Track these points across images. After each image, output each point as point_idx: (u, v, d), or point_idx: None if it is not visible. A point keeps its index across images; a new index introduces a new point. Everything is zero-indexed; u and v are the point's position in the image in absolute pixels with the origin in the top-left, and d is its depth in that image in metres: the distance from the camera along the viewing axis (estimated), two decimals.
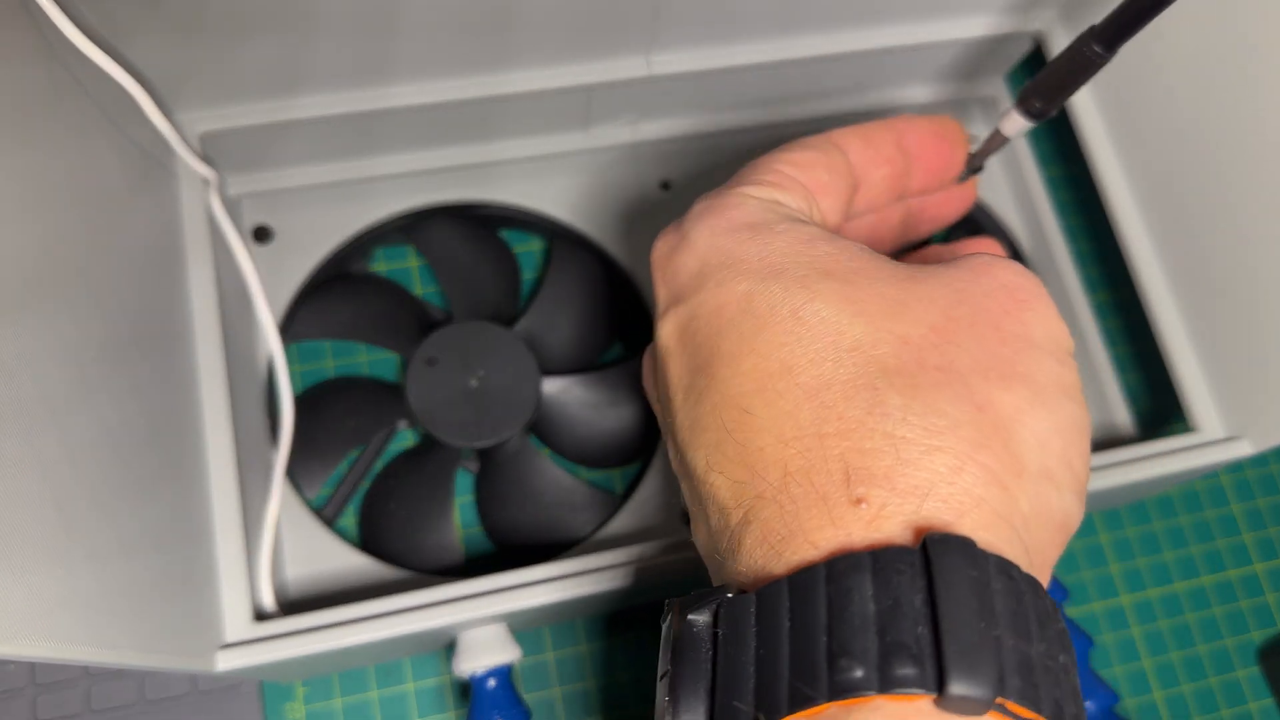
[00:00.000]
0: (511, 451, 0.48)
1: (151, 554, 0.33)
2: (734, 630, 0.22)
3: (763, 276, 0.26)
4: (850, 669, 0.20)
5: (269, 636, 0.36)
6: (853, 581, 0.21)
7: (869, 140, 0.33)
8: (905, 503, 0.22)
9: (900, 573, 0.21)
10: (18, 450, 0.25)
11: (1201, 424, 0.44)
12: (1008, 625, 0.20)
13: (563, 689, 0.48)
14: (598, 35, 0.43)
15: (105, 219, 0.35)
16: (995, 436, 0.23)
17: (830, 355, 0.24)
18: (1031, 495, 0.23)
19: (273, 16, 0.38)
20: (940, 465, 0.22)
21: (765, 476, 0.24)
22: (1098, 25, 0.31)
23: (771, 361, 0.25)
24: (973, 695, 0.19)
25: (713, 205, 0.29)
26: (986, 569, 0.21)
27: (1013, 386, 0.24)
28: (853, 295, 0.25)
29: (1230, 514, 0.55)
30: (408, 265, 0.53)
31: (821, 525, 0.22)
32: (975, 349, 0.24)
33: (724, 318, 0.26)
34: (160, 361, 0.38)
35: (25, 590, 0.24)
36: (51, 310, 0.29)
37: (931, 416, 0.23)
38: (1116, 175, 0.47)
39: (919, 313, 0.25)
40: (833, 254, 0.26)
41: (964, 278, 0.26)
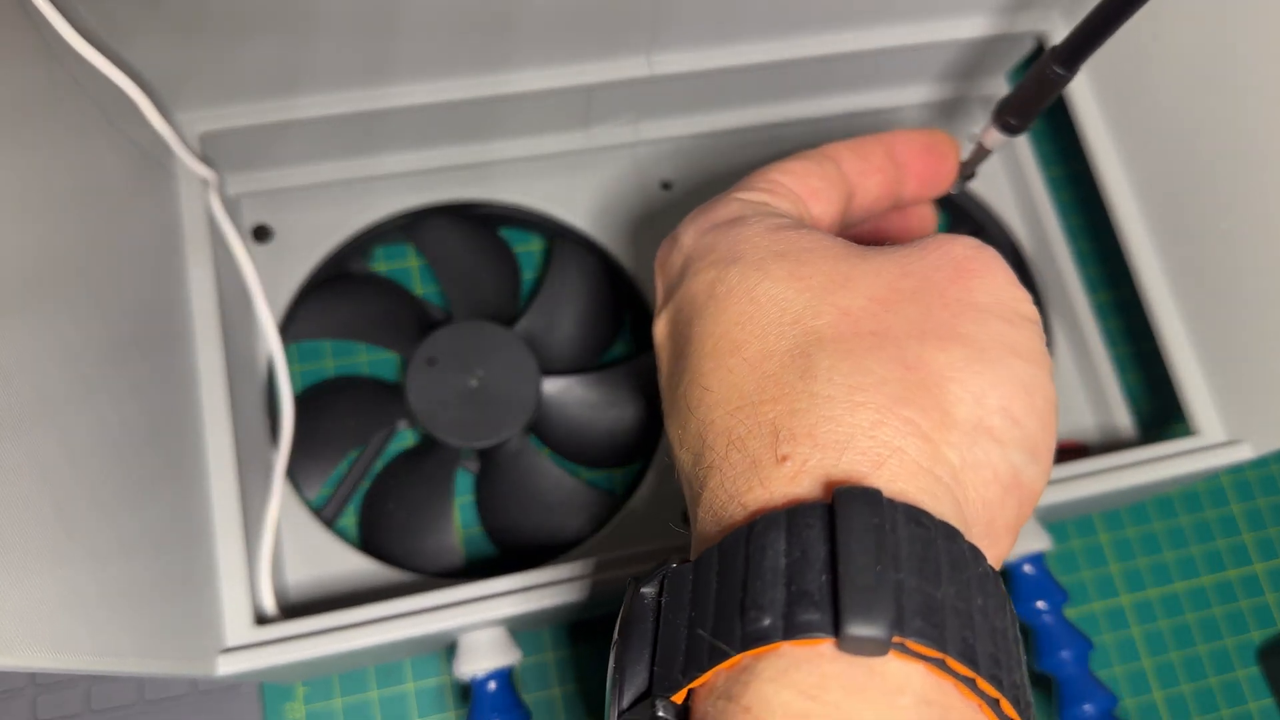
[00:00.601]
0: (511, 452, 0.48)
1: (151, 557, 0.33)
2: (674, 598, 0.23)
3: (725, 263, 0.28)
4: (759, 619, 0.21)
5: (270, 641, 0.36)
6: (768, 539, 0.22)
7: (860, 152, 0.34)
8: (825, 456, 0.23)
9: (810, 526, 0.21)
10: (16, 454, 0.25)
11: (1202, 427, 0.44)
12: (911, 569, 0.21)
13: (563, 689, 0.48)
14: (599, 35, 0.43)
15: (104, 219, 0.35)
16: (922, 392, 0.24)
17: (774, 330, 0.25)
18: (961, 447, 0.24)
19: (273, 17, 0.38)
20: (862, 419, 0.23)
21: (714, 448, 0.25)
22: (1058, 47, 0.33)
23: (726, 340, 0.26)
24: (869, 635, 0.20)
25: (702, 209, 0.31)
26: (891, 516, 0.21)
27: (948, 346, 0.25)
28: (800, 273, 0.26)
29: (1230, 514, 0.55)
30: (408, 265, 0.53)
31: (752, 487, 0.23)
32: (914, 315, 0.25)
33: (695, 305, 0.28)
34: (160, 362, 0.37)
35: (25, 597, 0.24)
36: (52, 310, 0.29)
37: (857, 375, 0.24)
38: (1118, 177, 0.47)
39: (863, 285, 0.26)
40: (791, 238, 0.28)
41: (914, 254, 0.27)
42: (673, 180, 0.52)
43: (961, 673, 0.20)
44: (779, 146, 0.53)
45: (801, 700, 0.20)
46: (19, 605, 0.24)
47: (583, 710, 0.48)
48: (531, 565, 0.46)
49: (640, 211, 0.51)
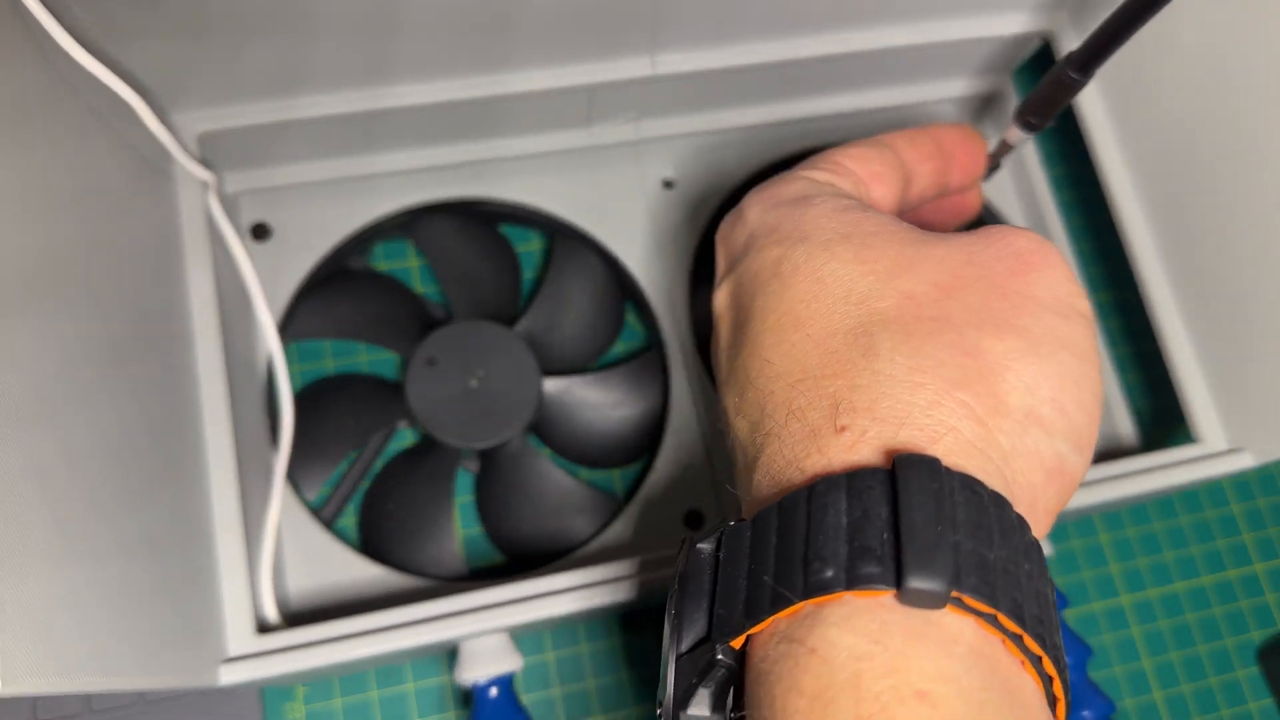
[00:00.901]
0: (512, 453, 0.48)
1: (152, 564, 0.32)
2: (732, 553, 0.25)
3: (792, 241, 0.29)
4: (822, 570, 0.22)
5: (272, 650, 0.36)
6: (829, 499, 0.23)
7: (914, 140, 0.36)
8: (884, 429, 0.24)
9: (871, 489, 0.23)
10: (13, 458, 0.25)
11: (1204, 435, 0.44)
12: (967, 531, 0.22)
13: (563, 689, 0.48)
14: (602, 35, 0.43)
15: (101, 221, 0.34)
16: (978, 378, 0.25)
17: (839, 309, 0.27)
18: (1013, 434, 0.25)
19: (273, 17, 0.37)
20: (920, 399, 0.24)
21: (774, 416, 0.26)
22: (1074, 54, 0.36)
23: (790, 316, 0.27)
24: (929, 588, 0.21)
25: (767, 185, 0.33)
26: (949, 483, 0.23)
27: (1004, 336, 0.26)
28: (866, 256, 0.28)
29: (1230, 514, 0.55)
30: (408, 265, 0.52)
31: (810, 454, 0.25)
32: (974, 303, 0.26)
33: (759, 280, 0.29)
34: (160, 363, 0.37)
35: (25, 617, 0.24)
36: (49, 312, 0.29)
37: (918, 358, 0.25)
38: (1123, 179, 0.47)
39: (926, 272, 0.27)
40: (857, 220, 0.29)
41: (978, 244, 0.28)
42: (675, 178, 0.52)
43: (1010, 629, 0.22)
44: (783, 145, 0.53)
45: (865, 643, 0.21)
46: (19, 627, 0.24)
47: (583, 710, 0.48)
48: (532, 567, 0.46)
49: (642, 210, 0.51)
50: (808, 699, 0.21)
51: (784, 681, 0.22)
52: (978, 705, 0.21)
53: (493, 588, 0.38)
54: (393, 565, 0.45)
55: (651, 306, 0.50)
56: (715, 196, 0.52)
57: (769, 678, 0.22)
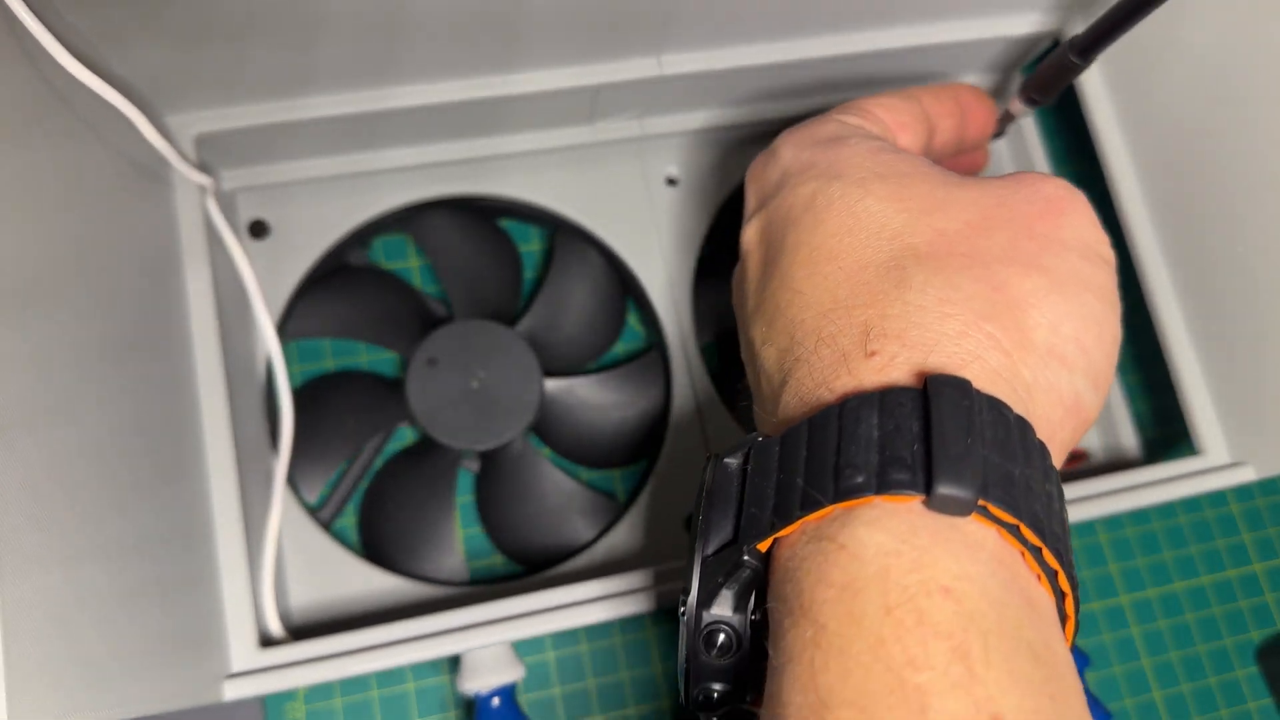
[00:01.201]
0: (514, 454, 0.48)
1: (151, 582, 0.32)
2: (760, 465, 0.26)
3: (826, 178, 0.30)
4: (853, 477, 0.23)
5: (275, 666, 0.36)
6: (861, 413, 0.24)
7: (937, 96, 0.38)
8: (913, 355, 0.25)
9: (902, 405, 0.24)
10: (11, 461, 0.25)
11: (1207, 447, 0.44)
12: (994, 448, 0.23)
13: (563, 689, 0.48)
14: (608, 36, 0.42)
15: (96, 227, 0.34)
16: (1006, 312, 0.26)
17: (872, 243, 0.28)
18: (1036, 367, 0.26)
19: (274, 20, 0.36)
20: (949, 328, 0.25)
21: (804, 343, 0.27)
22: (1076, 39, 0.38)
23: (823, 250, 0.28)
24: (957, 495, 0.22)
25: (800, 127, 0.34)
26: (979, 402, 0.24)
27: (1031, 275, 0.27)
28: (901, 194, 0.29)
29: (1229, 514, 0.55)
30: (409, 265, 0.52)
31: (839, 375, 0.26)
32: (1003, 242, 0.28)
33: (791, 216, 0.30)
34: (157, 367, 0.37)
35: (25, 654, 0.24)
36: (40, 320, 0.28)
37: (948, 290, 0.26)
38: (1131, 186, 0.47)
39: (958, 211, 0.28)
40: (891, 161, 0.30)
41: (1009, 186, 0.30)
42: (678, 176, 0.51)
43: (1031, 541, 0.23)
44: None
45: (893, 541, 0.22)
46: (21, 665, 0.23)
47: (583, 710, 0.48)
48: (534, 569, 0.46)
49: (645, 207, 0.50)
50: (836, 589, 0.22)
51: (812, 575, 0.23)
52: (999, 605, 0.22)
53: (498, 602, 0.38)
54: (394, 569, 0.45)
55: (654, 306, 0.49)
56: (719, 194, 0.51)
57: (797, 573, 0.23)
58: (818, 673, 0.21)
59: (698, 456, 0.47)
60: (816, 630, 0.22)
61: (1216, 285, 0.43)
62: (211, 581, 0.37)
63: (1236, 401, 0.43)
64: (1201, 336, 0.45)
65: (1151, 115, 0.45)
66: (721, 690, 0.26)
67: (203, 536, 0.38)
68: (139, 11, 0.35)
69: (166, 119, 0.42)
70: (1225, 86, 0.41)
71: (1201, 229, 0.43)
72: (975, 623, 0.21)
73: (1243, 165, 0.41)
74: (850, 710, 0.21)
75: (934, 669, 0.21)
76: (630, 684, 0.49)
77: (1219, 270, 0.43)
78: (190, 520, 0.37)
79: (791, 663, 0.22)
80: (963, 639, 0.21)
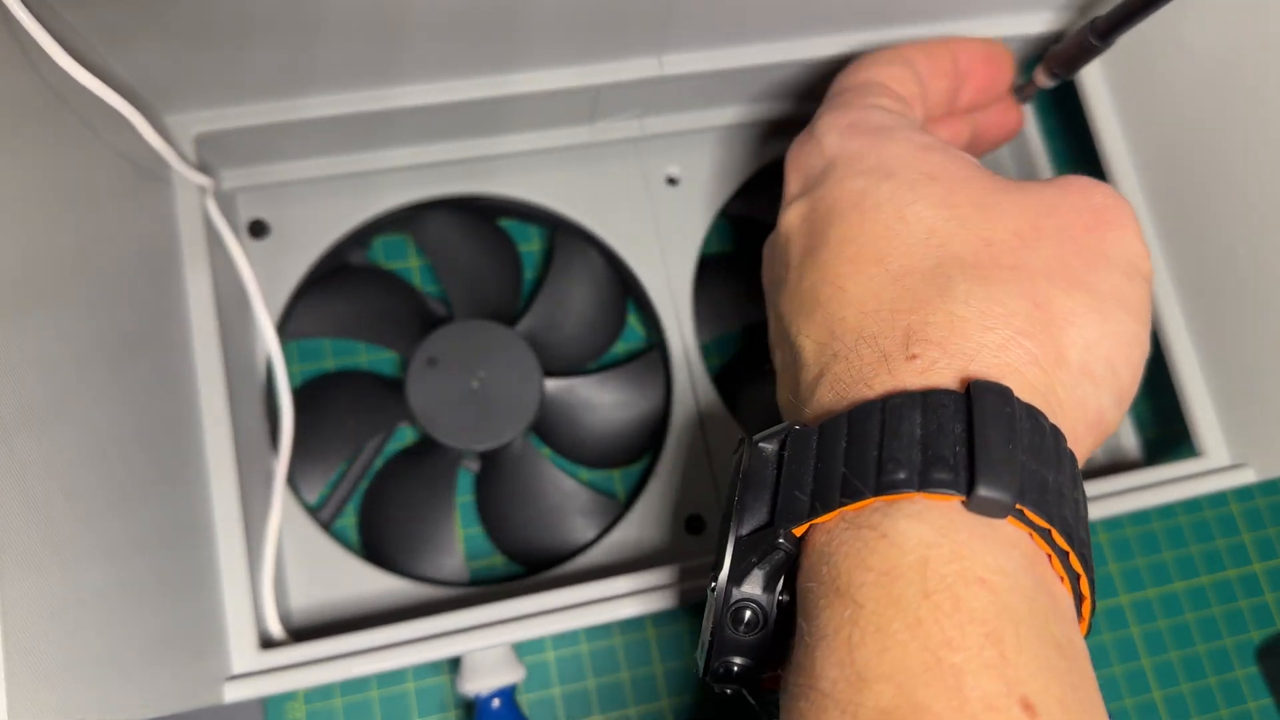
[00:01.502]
0: (514, 455, 0.48)
1: (151, 583, 0.32)
2: (797, 453, 0.26)
3: (877, 177, 0.30)
4: (896, 472, 0.24)
5: (276, 668, 0.36)
6: (904, 411, 0.25)
7: (931, 55, 0.38)
8: (954, 362, 0.26)
9: (945, 406, 0.25)
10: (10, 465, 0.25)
11: (1207, 449, 0.44)
12: (1031, 454, 0.24)
13: (563, 689, 0.48)
14: (609, 36, 0.42)
15: (94, 228, 0.34)
16: (1045, 330, 0.27)
17: (919, 249, 0.28)
18: (1068, 385, 0.27)
19: (275, 20, 0.36)
20: (990, 340, 0.26)
21: (843, 339, 0.28)
22: (1098, 21, 0.38)
23: (869, 250, 0.29)
24: (997, 498, 0.23)
25: (842, 109, 0.34)
26: (1019, 409, 0.25)
27: (1073, 292, 0.28)
28: (950, 200, 0.29)
29: (1229, 514, 0.55)
30: (409, 265, 0.52)
31: (879, 374, 0.27)
32: (1049, 256, 0.28)
33: (837, 210, 0.30)
34: (157, 368, 0.37)
35: (26, 660, 0.24)
36: (37, 321, 0.28)
37: (991, 303, 0.27)
38: (1132, 185, 0.47)
39: (1006, 220, 0.29)
40: (942, 163, 0.30)
41: (1056, 194, 0.30)
42: (679, 175, 0.51)
43: (1060, 545, 0.24)
44: (789, 141, 0.52)
45: (933, 534, 0.23)
46: (17, 670, 0.23)
47: (583, 709, 0.48)
48: (534, 569, 0.46)
49: (645, 207, 0.50)
50: (875, 573, 0.23)
51: (851, 559, 0.24)
52: (1029, 600, 0.23)
53: (499, 603, 0.38)
54: (394, 570, 0.45)
55: (654, 306, 0.49)
56: (720, 193, 0.51)
57: (834, 556, 0.24)
58: (855, 648, 0.22)
59: (698, 456, 0.47)
60: (855, 609, 0.23)
61: (1217, 286, 0.43)
62: (212, 582, 0.37)
63: (1237, 403, 0.43)
64: (1202, 337, 0.45)
65: (1152, 115, 0.45)
66: (742, 664, 0.27)
67: (203, 537, 0.38)
68: (138, 11, 0.35)
69: (166, 119, 0.42)
70: (1226, 86, 0.41)
71: (1202, 229, 0.43)
72: (1008, 612, 0.22)
73: (1244, 165, 0.41)
74: (888, 684, 0.22)
75: (969, 650, 0.22)
76: (630, 684, 0.49)
77: (1220, 271, 0.43)
78: (190, 521, 0.37)
79: (827, 638, 0.23)
80: (996, 625, 0.22)
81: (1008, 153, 0.54)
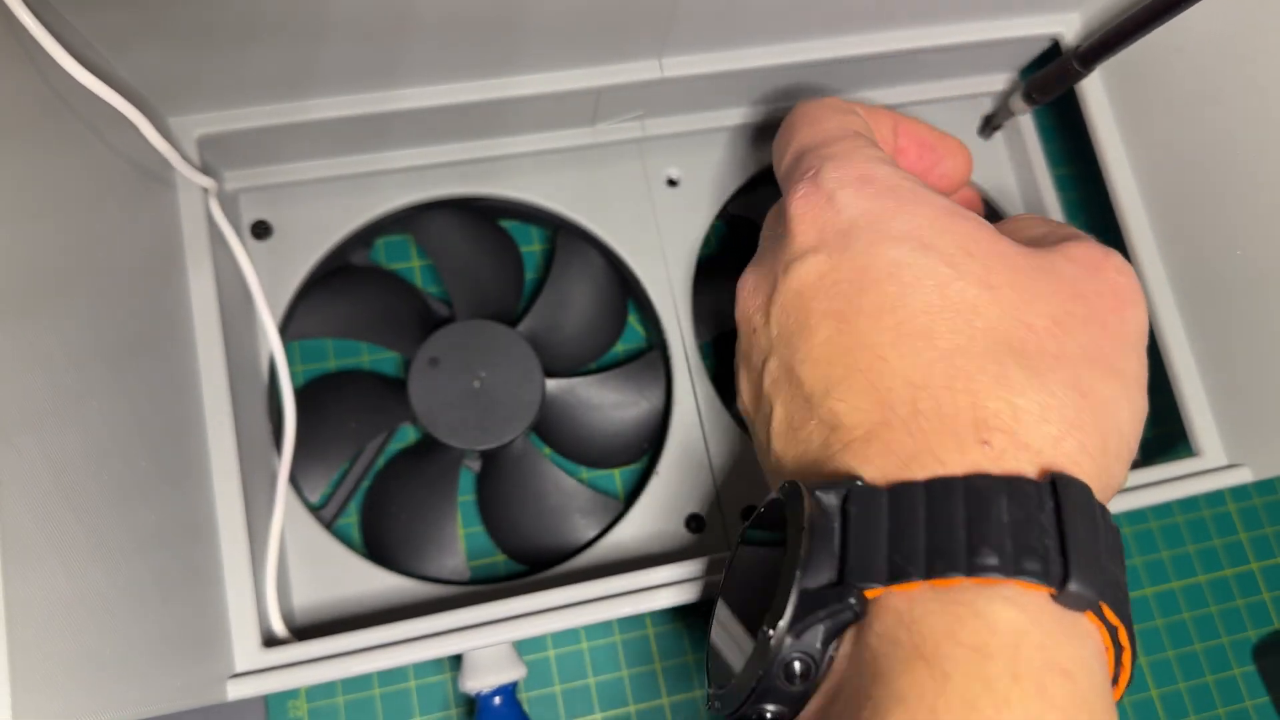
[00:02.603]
0: (515, 454, 0.48)
1: (153, 582, 0.32)
2: (865, 511, 0.27)
3: (912, 247, 0.30)
4: (988, 556, 0.25)
5: (280, 666, 0.36)
6: (991, 496, 0.26)
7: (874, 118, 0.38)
8: (1022, 452, 0.27)
9: (1029, 497, 0.26)
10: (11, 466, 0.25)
11: (1204, 448, 0.44)
12: (1109, 552, 0.26)
13: (563, 686, 0.49)
14: (610, 39, 0.42)
15: (96, 230, 0.34)
16: (1090, 419, 0.28)
17: (966, 329, 0.29)
18: (1111, 472, 0.28)
19: (277, 23, 0.37)
20: (1048, 431, 0.27)
21: (894, 409, 0.28)
22: (1081, 50, 0.41)
23: (913, 325, 0.29)
24: (1085, 594, 0.24)
25: (846, 165, 0.33)
26: (1099, 507, 0.26)
27: (1109, 380, 0.29)
28: (991, 280, 0.30)
29: (1227, 513, 0.56)
30: (410, 265, 0.52)
31: (949, 452, 0.27)
32: (1086, 342, 0.29)
33: (871, 278, 0.30)
34: (160, 369, 0.37)
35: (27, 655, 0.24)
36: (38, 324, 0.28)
37: (1044, 395, 0.28)
38: (1130, 187, 0.47)
39: (1042, 304, 0.30)
40: (973, 234, 0.31)
41: (1080, 276, 0.31)
42: (679, 177, 0.51)
43: (1123, 643, 0.26)
44: None
45: (1025, 621, 0.24)
46: (25, 670, 0.24)
47: (584, 707, 0.48)
48: (535, 569, 0.46)
49: (646, 208, 0.51)
50: (966, 649, 0.24)
51: (940, 631, 0.24)
52: (1101, 694, 0.24)
53: (500, 602, 0.38)
54: (396, 568, 0.45)
55: (654, 306, 0.49)
56: (720, 195, 0.51)
57: (919, 625, 0.25)
58: (939, 716, 0.23)
59: (698, 456, 0.48)
60: (942, 679, 0.24)
61: (1214, 287, 0.44)
62: (215, 581, 0.38)
63: (1234, 403, 0.44)
64: (1199, 338, 0.45)
65: (1150, 117, 0.45)
66: (775, 712, 0.27)
67: (206, 536, 0.38)
68: (141, 14, 0.35)
69: (169, 121, 0.42)
70: (1224, 89, 0.41)
71: (1199, 230, 0.44)
72: (1085, 705, 0.24)
73: (1241, 168, 0.41)
74: None
75: None
76: (631, 682, 0.49)
77: (1216, 272, 0.43)
78: (194, 520, 0.37)
79: (906, 703, 0.24)
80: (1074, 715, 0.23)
81: (1006, 153, 0.54)
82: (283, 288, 0.47)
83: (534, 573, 0.46)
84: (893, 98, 0.53)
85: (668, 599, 0.38)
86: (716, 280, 0.51)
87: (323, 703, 0.47)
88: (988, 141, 0.54)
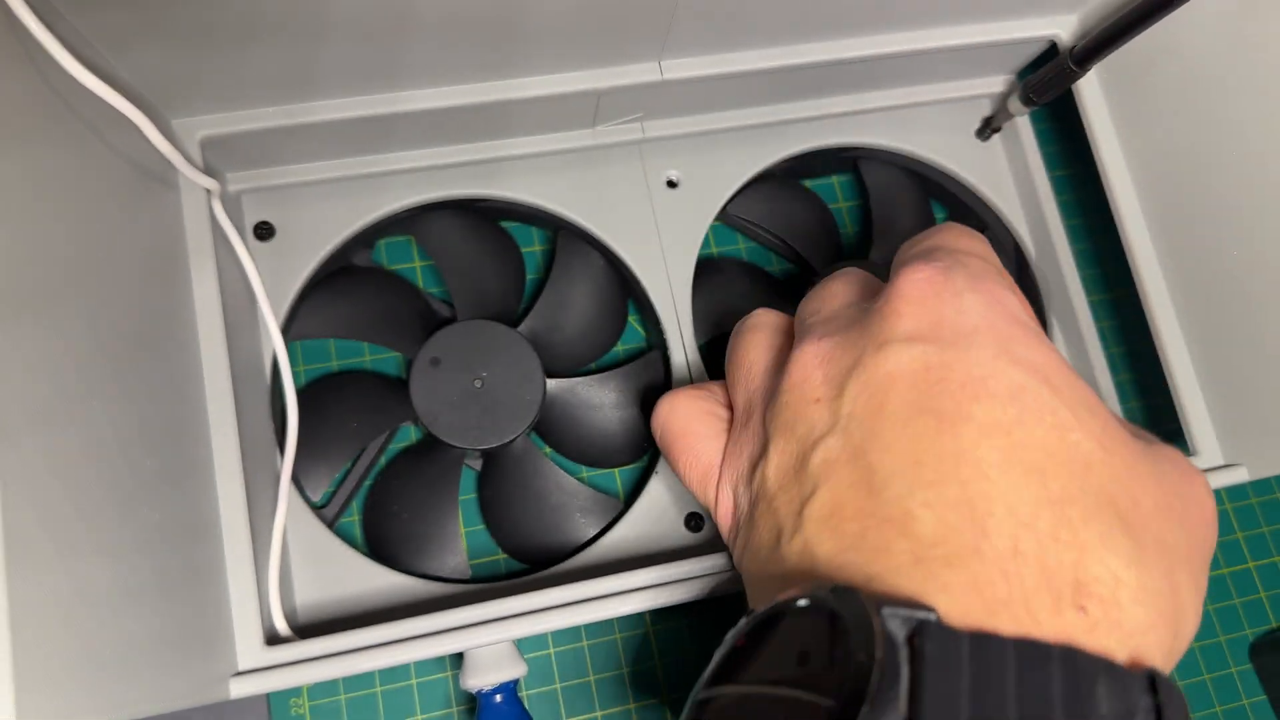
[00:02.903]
0: (516, 453, 0.48)
1: (156, 581, 0.32)
2: (943, 656, 0.24)
3: (1038, 379, 0.29)
4: None
5: (282, 664, 0.36)
6: (1089, 678, 0.24)
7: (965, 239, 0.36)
8: (1114, 631, 0.26)
9: (1128, 690, 0.24)
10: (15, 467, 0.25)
11: (1200, 448, 0.44)
12: None
13: (564, 684, 0.49)
14: (610, 42, 0.43)
15: (99, 232, 0.34)
16: (1174, 619, 0.27)
17: (1077, 481, 0.27)
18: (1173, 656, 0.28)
19: (279, 25, 0.37)
20: (1140, 616, 0.26)
21: (990, 539, 0.27)
22: (1075, 50, 0.42)
23: (1026, 458, 0.28)
24: None
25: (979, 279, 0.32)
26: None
27: (1193, 585, 0.29)
28: (1106, 442, 0.29)
29: (1223, 512, 0.56)
30: (412, 266, 0.52)
31: (1046, 608, 0.26)
32: (1183, 542, 0.29)
33: (988, 390, 0.29)
34: (163, 370, 0.37)
35: (29, 657, 0.24)
36: (39, 325, 0.28)
37: (1144, 574, 0.27)
38: (1127, 188, 0.47)
39: (1150, 486, 0.29)
40: (1092, 395, 0.30)
41: (1178, 479, 0.31)
42: (679, 178, 0.52)
43: None
44: (788, 144, 0.53)
45: None
46: (28, 669, 0.24)
47: (584, 705, 0.49)
48: (536, 567, 0.46)
49: (646, 209, 0.51)
50: None
51: None
52: None
53: (501, 600, 0.38)
54: (397, 567, 0.45)
55: (654, 306, 0.50)
56: (719, 196, 0.51)
57: None
58: None
59: None
60: None
61: (1210, 286, 0.44)
62: (217, 580, 0.38)
63: (1230, 403, 0.44)
64: (1195, 338, 0.45)
65: (1147, 118, 0.46)
66: None
67: (208, 536, 0.38)
68: (143, 15, 0.35)
69: (172, 123, 0.42)
70: (1220, 90, 0.41)
71: (1196, 230, 0.44)
72: None
73: (1237, 169, 0.41)
74: None
75: None
76: (631, 679, 0.49)
77: (1213, 272, 0.43)
78: (196, 519, 0.37)
79: None
80: None
81: (1003, 153, 0.54)
82: (285, 288, 0.48)
83: (535, 571, 0.46)
84: (891, 100, 0.53)
85: (668, 597, 0.39)
86: (716, 281, 0.51)
87: (325, 700, 0.47)
88: (986, 144, 0.54)
